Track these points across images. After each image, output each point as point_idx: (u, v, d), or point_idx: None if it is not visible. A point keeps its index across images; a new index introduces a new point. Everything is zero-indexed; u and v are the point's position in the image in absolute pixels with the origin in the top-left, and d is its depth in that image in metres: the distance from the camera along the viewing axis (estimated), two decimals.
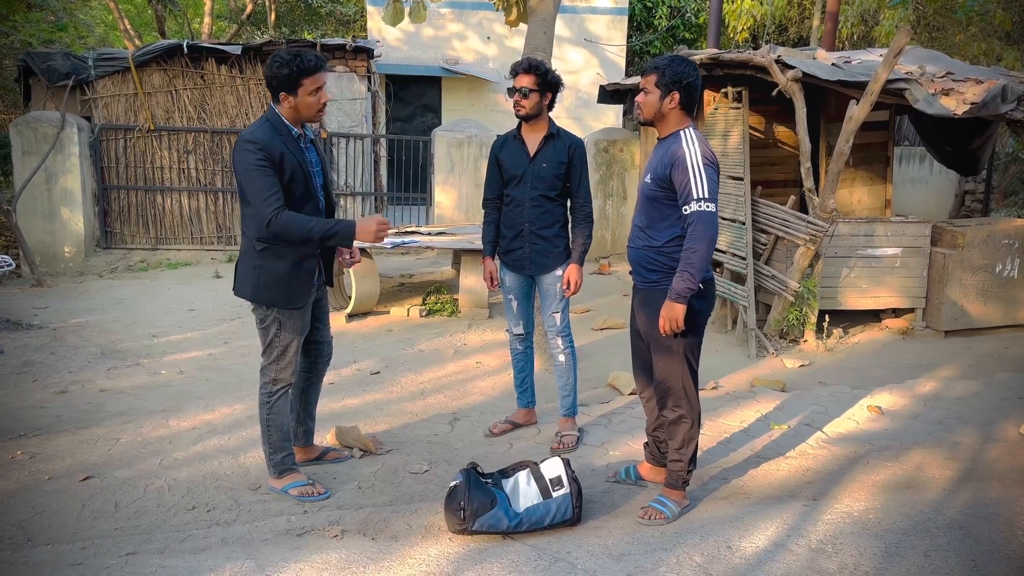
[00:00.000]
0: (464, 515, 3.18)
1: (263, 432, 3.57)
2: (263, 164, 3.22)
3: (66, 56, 9.66)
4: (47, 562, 3.00)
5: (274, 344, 3.46)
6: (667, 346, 3.33)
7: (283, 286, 3.40)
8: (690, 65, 3.22)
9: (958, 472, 3.92)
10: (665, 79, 3.20)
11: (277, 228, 3.23)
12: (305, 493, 3.55)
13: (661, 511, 3.37)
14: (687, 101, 3.23)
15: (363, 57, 10.27)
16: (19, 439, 4.23)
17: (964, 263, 6.50)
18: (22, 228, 8.70)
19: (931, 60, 7.15)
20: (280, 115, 3.35)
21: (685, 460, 3.40)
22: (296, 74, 3.25)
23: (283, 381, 3.52)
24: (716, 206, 3.16)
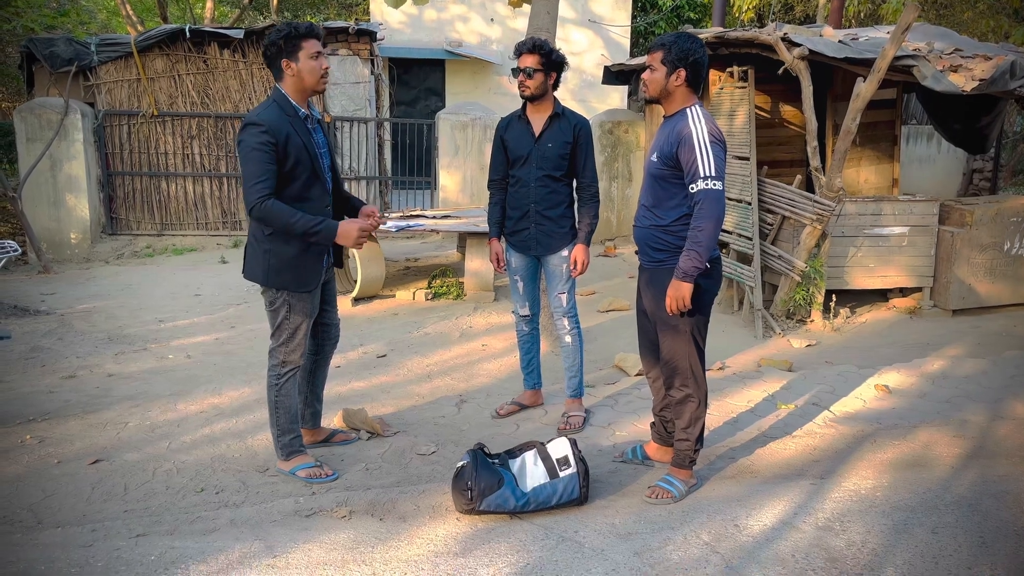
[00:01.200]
0: (471, 495, 3.18)
1: (271, 414, 3.58)
2: (263, 147, 3.19)
3: (69, 42, 9.64)
4: (57, 544, 3.02)
5: (283, 326, 3.46)
6: (674, 325, 3.31)
7: (293, 269, 3.39)
8: (697, 42, 3.18)
9: (966, 450, 3.91)
10: (671, 56, 3.16)
11: (260, 214, 3.21)
12: (313, 475, 3.56)
13: (668, 490, 3.37)
14: (693, 78, 3.19)
15: (366, 40, 10.21)
16: (28, 423, 4.25)
17: (972, 241, 6.47)
18: (28, 215, 8.72)
19: (939, 37, 7.08)
20: (286, 95, 3.32)
21: (692, 439, 3.39)
22: (295, 37, 3.25)
23: (292, 363, 3.52)
24: (723, 184, 3.13)
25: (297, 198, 3.33)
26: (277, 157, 3.23)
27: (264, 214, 3.21)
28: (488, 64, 13.98)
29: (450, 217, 7.55)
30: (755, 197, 6.62)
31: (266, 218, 3.22)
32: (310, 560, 2.91)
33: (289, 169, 3.28)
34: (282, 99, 3.31)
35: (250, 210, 3.21)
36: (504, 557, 2.94)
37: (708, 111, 7.70)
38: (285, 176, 3.28)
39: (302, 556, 2.94)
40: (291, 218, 3.23)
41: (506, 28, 14.13)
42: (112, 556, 2.93)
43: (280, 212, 3.22)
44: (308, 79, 3.31)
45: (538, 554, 2.96)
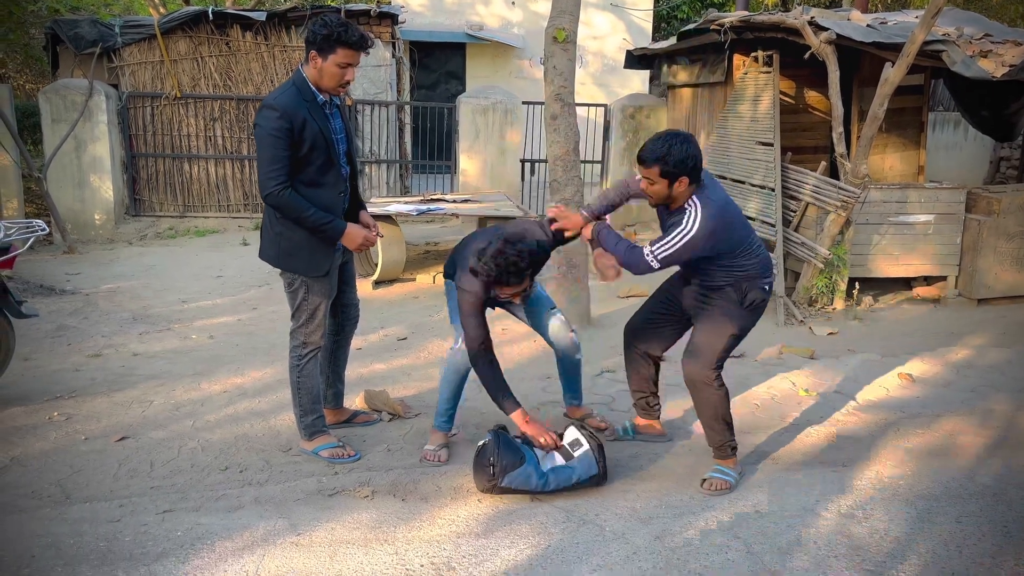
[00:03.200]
0: (493, 471, 3.20)
1: (294, 395, 3.60)
2: (278, 133, 3.18)
3: (93, 23, 9.68)
4: (86, 519, 3.07)
5: (302, 307, 3.48)
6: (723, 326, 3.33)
7: (304, 253, 3.40)
8: (688, 142, 3.10)
9: (991, 439, 3.88)
10: (670, 167, 3.08)
11: (274, 202, 3.24)
12: (335, 455, 3.59)
13: (725, 479, 3.36)
14: (696, 177, 3.15)
15: (387, 23, 10.18)
16: (55, 400, 4.31)
17: (999, 230, 6.38)
18: (53, 196, 8.80)
19: (969, 22, 6.96)
20: (306, 78, 3.30)
21: (722, 430, 3.38)
22: (334, 40, 3.20)
23: (313, 344, 3.53)
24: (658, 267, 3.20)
25: (311, 183, 3.32)
26: (292, 141, 3.21)
27: (278, 203, 3.24)
28: (509, 48, 13.90)
29: (470, 201, 7.54)
30: (779, 183, 6.56)
31: (280, 207, 3.26)
32: (333, 538, 2.94)
33: (305, 154, 3.26)
34: (302, 82, 3.29)
35: (265, 196, 3.24)
36: (525, 539, 2.96)
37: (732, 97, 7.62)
38: (300, 160, 3.26)
39: (325, 534, 2.97)
40: (304, 212, 3.26)
41: (527, 11, 14.05)
42: (139, 531, 2.97)
43: (295, 204, 3.25)
44: (327, 81, 3.27)
45: (559, 536, 2.98)
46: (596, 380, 4.68)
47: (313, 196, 3.31)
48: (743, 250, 3.27)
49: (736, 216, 3.29)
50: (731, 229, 3.22)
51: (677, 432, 3.93)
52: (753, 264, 3.29)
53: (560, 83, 5.60)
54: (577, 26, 5.70)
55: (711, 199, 3.16)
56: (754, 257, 3.29)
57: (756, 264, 3.30)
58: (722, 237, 3.18)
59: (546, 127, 5.74)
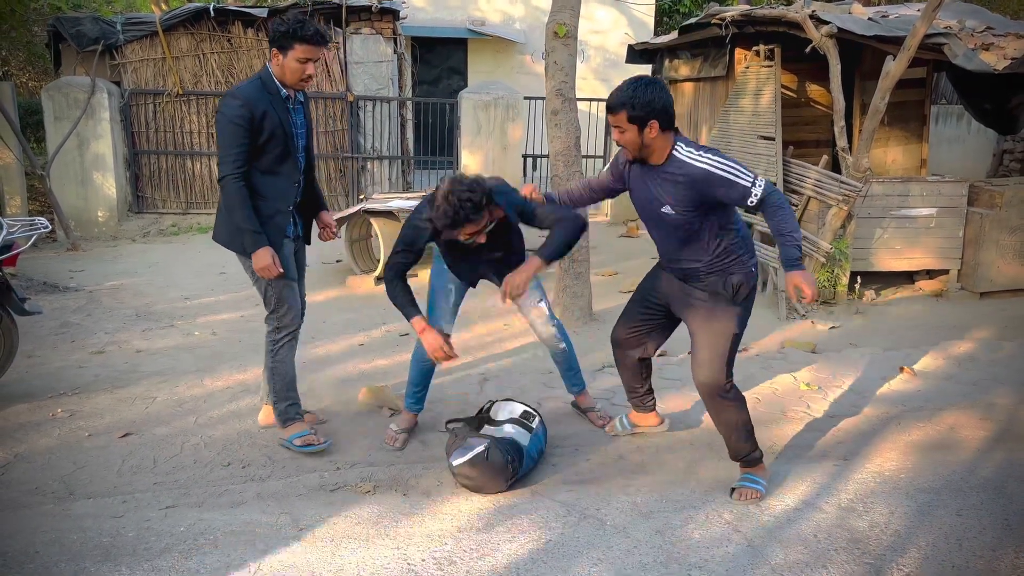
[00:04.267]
0: (513, 469, 3.26)
1: (269, 381, 3.69)
2: (239, 121, 3.29)
3: (95, 21, 9.69)
4: (89, 514, 3.09)
5: (268, 293, 3.58)
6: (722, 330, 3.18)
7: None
8: (654, 85, 2.96)
9: (992, 432, 3.88)
10: (637, 112, 2.92)
11: (225, 187, 3.35)
12: (308, 442, 3.62)
13: (755, 488, 3.24)
14: (667, 123, 2.97)
15: (389, 19, 10.18)
16: (59, 397, 4.33)
17: (1002, 223, 6.37)
18: (56, 193, 8.82)
19: (971, 14, 6.94)
20: (272, 74, 3.41)
21: (744, 440, 3.28)
22: (291, 36, 3.31)
23: (286, 327, 3.63)
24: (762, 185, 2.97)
25: (268, 171, 3.44)
26: (251, 130, 3.32)
27: (227, 191, 3.35)
28: (511, 43, 13.89)
29: None
30: (780, 178, 6.56)
31: (227, 194, 3.36)
32: (335, 533, 2.96)
33: (263, 143, 3.37)
34: (267, 76, 3.42)
35: (220, 179, 3.36)
36: (527, 533, 2.97)
37: (733, 92, 7.60)
38: (258, 148, 3.38)
39: (327, 530, 2.98)
40: (242, 208, 3.35)
41: (529, 6, 14.02)
42: (142, 527, 2.99)
43: (239, 198, 3.35)
44: (288, 76, 3.38)
45: (560, 530, 2.99)
46: (597, 375, 4.69)
47: (268, 183, 3.45)
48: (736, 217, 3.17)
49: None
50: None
51: (677, 425, 3.94)
52: (739, 241, 3.15)
53: (561, 78, 5.59)
54: (578, 21, 5.70)
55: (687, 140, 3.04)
56: (740, 231, 3.17)
57: (741, 242, 3.16)
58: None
59: (547, 122, 5.74)
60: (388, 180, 10.40)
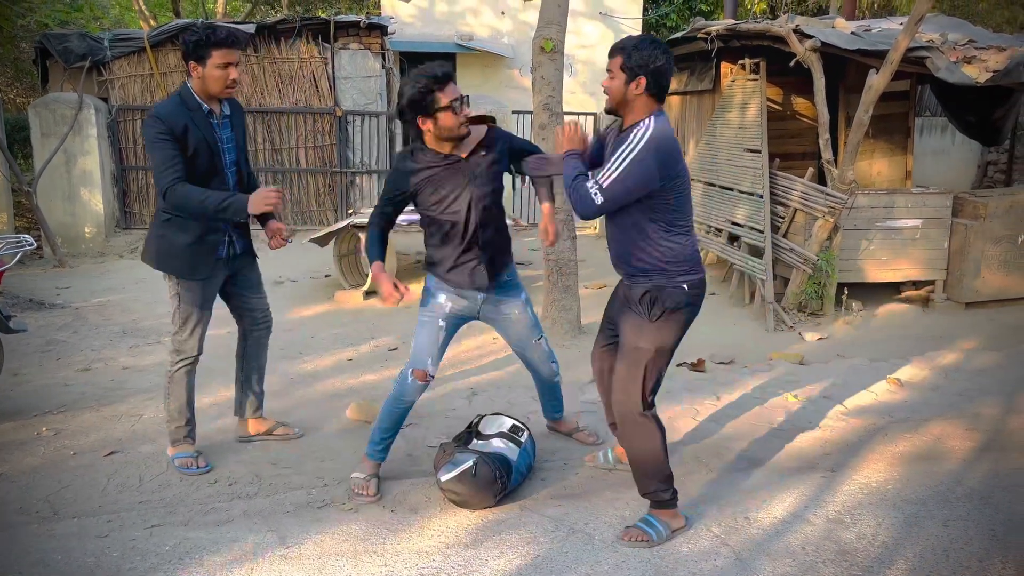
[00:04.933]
0: (503, 484, 3.25)
1: (164, 399, 3.66)
2: (163, 137, 3.24)
3: (82, 37, 9.69)
4: (74, 534, 3.06)
5: (176, 315, 3.53)
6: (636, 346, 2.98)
7: (184, 257, 3.44)
8: (659, 47, 2.88)
9: (979, 443, 3.90)
10: (631, 62, 2.86)
11: (173, 198, 3.28)
12: (185, 464, 3.60)
13: (646, 532, 2.99)
14: (655, 87, 2.87)
15: (377, 34, 10.22)
16: (44, 415, 4.30)
17: (986, 234, 6.42)
18: (42, 209, 8.78)
19: (953, 28, 7.03)
20: (192, 90, 3.36)
21: (646, 474, 3.02)
22: (204, 45, 3.26)
23: (185, 353, 3.56)
24: (608, 205, 2.83)
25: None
26: (178, 145, 3.27)
27: (176, 197, 3.27)
28: (499, 58, 13.95)
29: None
30: (767, 190, 6.60)
31: (179, 200, 3.29)
32: (322, 551, 2.94)
33: (188, 158, 3.32)
34: (187, 93, 3.35)
35: (163, 194, 3.28)
36: (515, 548, 2.96)
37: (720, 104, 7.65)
38: (184, 165, 3.32)
39: (314, 547, 2.97)
40: (202, 197, 3.29)
41: (517, 21, 14.10)
42: (127, 546, 2.96)
43: (191, 193, 3.29)
44: (212, 86, 3.32)
45: (548, 546, 2.98)
46: (586, 388, 4.69)
47: None
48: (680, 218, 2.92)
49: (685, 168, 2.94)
50: (676, 161, 2.87)
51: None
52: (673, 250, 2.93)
53: (548, 93, 5.63)
54: (564, 36, 5.73)
55: (667, 127, 2.89)
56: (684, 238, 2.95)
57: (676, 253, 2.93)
58: (668, 163, 2.83)
59: (535, 136, 5.77)
60: (377, 194, 10.40)
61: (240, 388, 3.92)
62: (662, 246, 2.93)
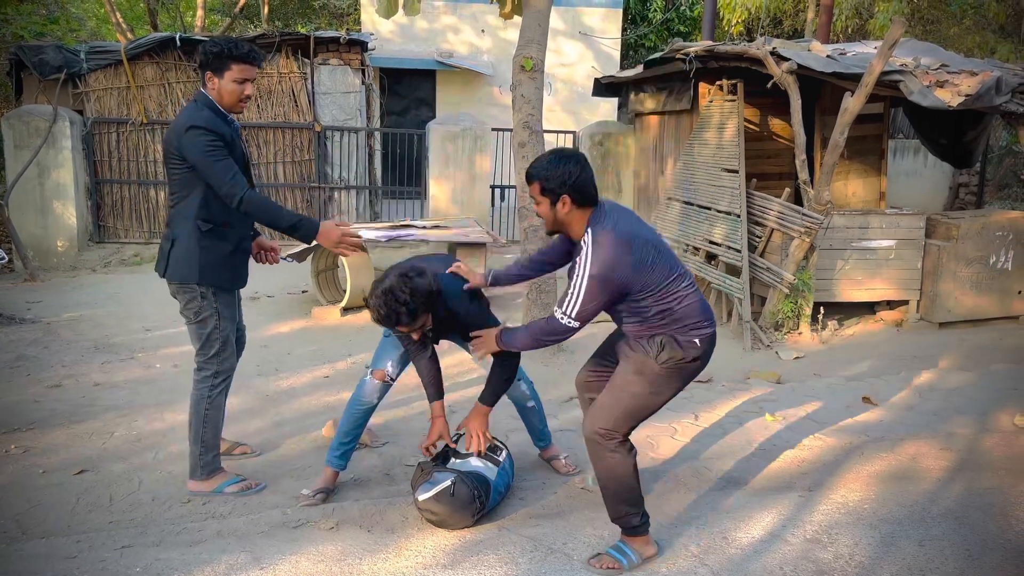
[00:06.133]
0: (480, 504, 3.22)
1: (197, 429, 3.45)
2: (218, 145, 3.19)
3: (58, 49, 9.60)
4: (42, 555, 2.99)
5: (214, 336, 3.41)
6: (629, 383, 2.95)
7: (228, 266, 3.39)
8: (570, 161, 2.85)
9: (953, 462, 3.93)
10: (550, 185, 2.84)
11: (247, 206, 3.21)
12: (245, 488, 3.50)
13: (618, 559, 2.94)
14: (581, 200, 2.85)
15: (357, 50, 10.23)
16: (13, 433, 4.21)
17: (958, 255, 6.52)
18: (14, 222, 8.66)
19: (926, 52, 7.16)
20: (213, 100, 3.30)
21: (615, 499, 2.97)
22: (227, 57, 3.23)
23: (225, 372, 3.48)
24: (578, 324, 2.83)
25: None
26: (229, 150, 3.24)
27: (254, 205, 3.21)
28: (479, 75, 14.02)
29: (440, 227, 7.55)
30: (744, 210, 6.66)
31: (256, 208, 3.23)
32: (297, 572, 2.90)
33: None
34: (210, 103, 3.29)
35: (238, 202, 3.19)
36: (492, 569, 2.93)
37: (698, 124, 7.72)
38: None
39: (289, 568, 2.92)
40: (278, 209, 3.27)
41: (497, 39, 14.19)
42: (97, 568, 2.90)
43: (268, 203, 3.27)
44: (226, 99, 3.29)
45: (526, 566, 2.95)
46: (565, 406, 4.68)
47: (233, 211, 3.27)
48: (674, 285, 2.86)
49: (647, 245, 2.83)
50: (638, 248, 2.79)
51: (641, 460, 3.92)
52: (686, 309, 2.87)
53: (528, 111, 5.65)
54: (545, 55, 5.77)
55: (608, 227, 2.80)
56: (688, 296, 2.89)
57: (691, 309, 2.88)
58: (627, 262, 2.77)
59: (514, 154, 5.78)
60: (356, 210, 10.38)
61: None
62: (666, 311, 2.86)
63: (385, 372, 3.46)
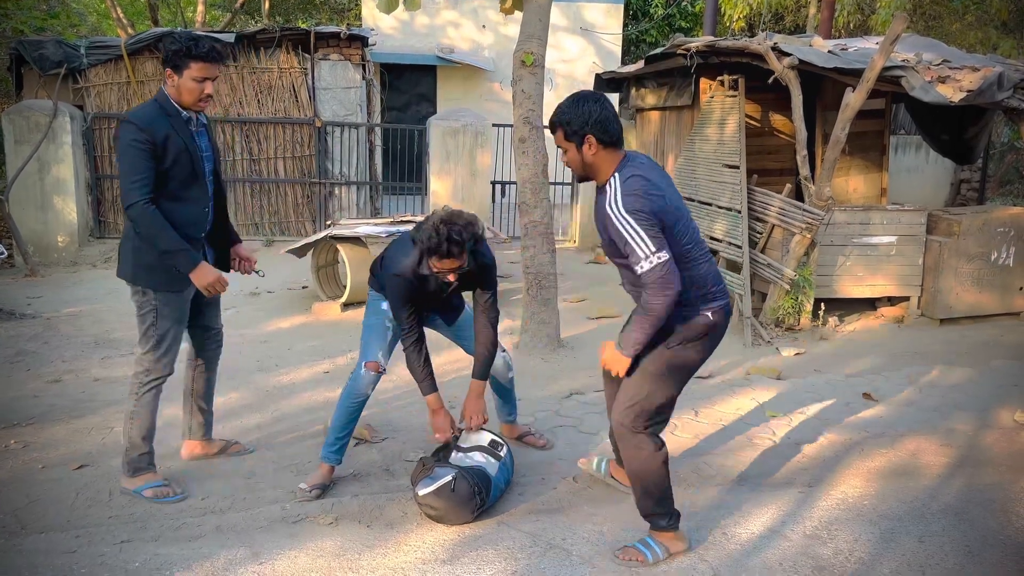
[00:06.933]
0: (480, 501, 3.21)
1: (124, 425, 3.45)
2: (138, 145, 3.14)
3: (58, 44, 9.58)
4: (41, 550, 2.99)
5: (150, 333, 3.36)
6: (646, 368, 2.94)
7: (163, 269, 3.31)
8: (590, 99, 2.80)
9: (953, 458, 3.92)
10: (572, 127, 2.78)
11: (135, 214, 3.16)
12: (160, 494, 3.43)
13: (642, 552, 2.95)
14: (606, 138, 2.78)
15: (357, 46, 10.20)
16: (13, 428, 4.21)
17: (960, 251, 6.50)
18: (15, 217, 8.66)
19: (927, 48, 7.13)
20: (168, 96, 3.26)
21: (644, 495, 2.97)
22: (185, 55, 3.18)
23: (156, 373, 3.41)
24: (668, 252, 2.68)
25: (175, 197, 3.28)
26: (155, 155, 3.17)
27: (139, 216, 3.16)
28: (480, 70, 14.00)
29: None
30: (745, 205, 6.64)
31: (139, 221, 3.17)
32: (296, 567, 2.90)
33: (167, 168, 3.22)
34: (164, 99, 3.26)
35: (127, 208, 3.17)
36: (492, 564, 2.93)
37: (699, 120, 7.70)
38: (163, 173, 3.22)
39: (288, 563, 2.92)
40: (161, 229, 3.18)
41: (498, 34, 14.17)
42: (96, 562, 2.90)
43: (155, 221, 3.17)
44: (186, 97, 3.24)
45: (525, 562, 2.95)
46: (564, 402, 4.68)
47: (177, 210, 3.26)
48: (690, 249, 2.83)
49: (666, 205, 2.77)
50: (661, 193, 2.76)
51: None
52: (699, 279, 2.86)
53: (529, 106, 5.64)
54: (545, 50, 5.75)
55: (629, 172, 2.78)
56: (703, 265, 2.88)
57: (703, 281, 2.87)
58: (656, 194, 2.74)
59: (515, 150, 5.77)
60: (356, 206, 10.37)
61: (189, 409, 3.77)
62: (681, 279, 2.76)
63: (378, 363, 3.51)
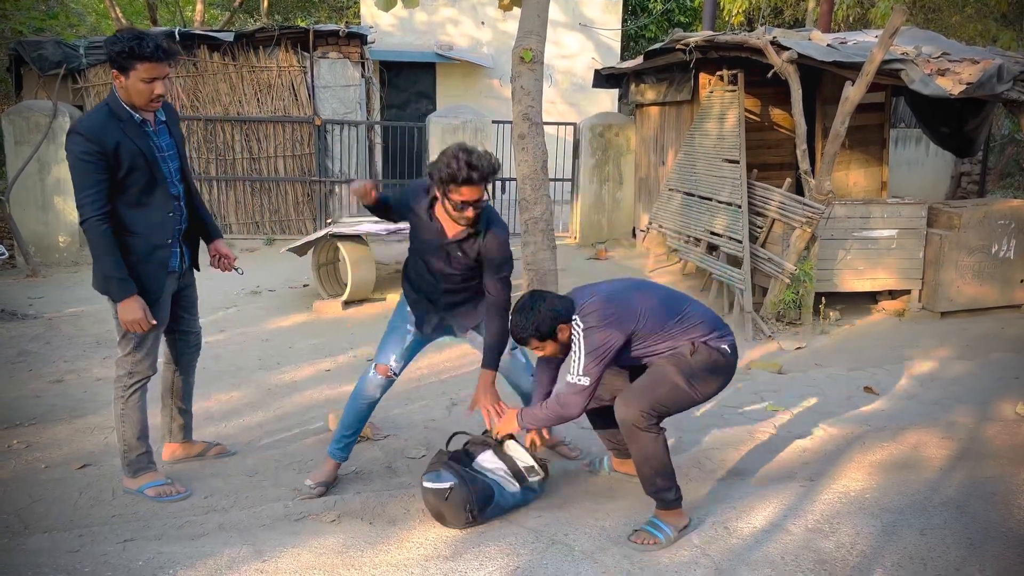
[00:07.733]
0: (472, 515, 3.16)
1: (117, 428, 3.43)
2: (88, 158, 3.04)
3: (57, 44, 9.58)
4: (44, 549, 3.00)
5: (129, 337, 3.30)
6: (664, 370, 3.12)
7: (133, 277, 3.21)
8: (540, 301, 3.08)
9: (954, 451, 3.93)
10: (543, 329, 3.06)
11: (87, 229, 3.09)
12: (163, 493, 3.42)
13: (655, 535, 3.06)
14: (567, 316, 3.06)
15: (356, 43, 10.19)
16: (15, 428, 4.22)
17: (960, 244, 6.50)
18: (15, 218, 8.66)
19: (927, 41, 7.12)
20: (119, 99, 3.13)
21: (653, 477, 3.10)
22: (128, 55, 3.03)
23: (139, 374, 3.37)
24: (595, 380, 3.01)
25: (135, 204, 3.19)
26: (106, 165, 3.07)
27: (90, 233, 3.10)
28: (479, 67, 13.98)
29: None
30: (745, 200, 6.64)
31: (90, 237, 3.11)
32: (299, 565, 2.90)
33: (123, 176, 3.12)
34: (115, 103, 3.13)
35: (81, 223, 3.11)
36: (495, 560, 2.94)
37: (699, 115, 7.68)
38: (119, 183, 3.12)
39: (291, 561, 2.93)
40: (106, 253, 3.11)
41: (497, 31, 14.14)
42: (99, 561, 2.91)
43: (104, 241, 3.10)
44: (135, 99, 3.11)
45: (528, 558, 2.96)
46: None
47: (139, 217, 3.19)
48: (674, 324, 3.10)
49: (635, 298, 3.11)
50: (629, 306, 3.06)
51: None
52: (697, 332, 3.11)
53: (528, 103, 5.64)
54: (544, 46, 5.75)
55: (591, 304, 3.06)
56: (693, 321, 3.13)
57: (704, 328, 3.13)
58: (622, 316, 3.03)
59: (514, 146, 5.77)
60: (356, 204, 10.37)
61: (168, 412, 3.72)
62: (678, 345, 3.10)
63: (388, 367, 3.46)
